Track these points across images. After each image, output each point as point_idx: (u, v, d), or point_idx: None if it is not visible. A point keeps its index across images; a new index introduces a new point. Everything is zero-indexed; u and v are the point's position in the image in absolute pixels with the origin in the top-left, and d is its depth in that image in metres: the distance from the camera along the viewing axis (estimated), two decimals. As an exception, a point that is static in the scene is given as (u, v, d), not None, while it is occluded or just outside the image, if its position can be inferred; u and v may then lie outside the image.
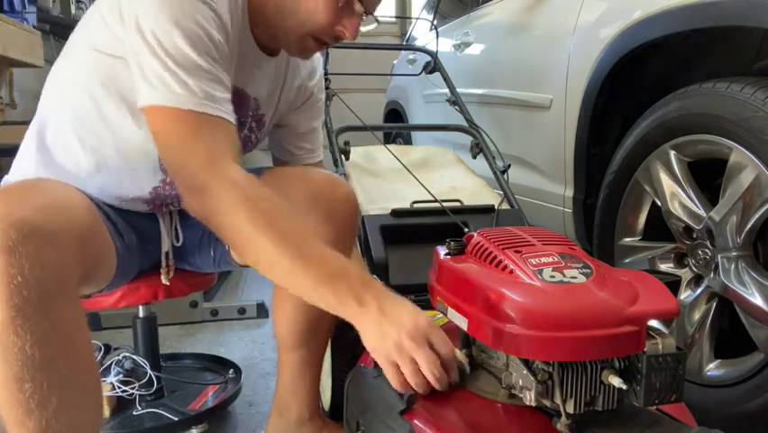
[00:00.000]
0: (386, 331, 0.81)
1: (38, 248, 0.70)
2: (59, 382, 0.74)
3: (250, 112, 1.13)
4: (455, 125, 1.94)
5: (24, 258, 0.69)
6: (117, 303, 1.17)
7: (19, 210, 0.71)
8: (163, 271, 1.18)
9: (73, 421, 0.76)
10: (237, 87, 1.05)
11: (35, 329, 0.71)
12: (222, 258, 1.19)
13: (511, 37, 2.15)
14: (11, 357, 0.70)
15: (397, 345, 0.80)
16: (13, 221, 0.69)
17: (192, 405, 1.42)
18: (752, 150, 1.16)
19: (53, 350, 0.73)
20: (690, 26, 1.31)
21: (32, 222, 0.71)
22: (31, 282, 0.70)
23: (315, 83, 1.24)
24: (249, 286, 2.66)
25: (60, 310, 0.74)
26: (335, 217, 1.09)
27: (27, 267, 0.69)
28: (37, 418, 0.73)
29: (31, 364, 0.71)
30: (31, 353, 0.71)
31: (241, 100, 1.08)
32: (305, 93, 1.23)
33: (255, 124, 1.16)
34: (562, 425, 0.79)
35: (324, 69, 1.96)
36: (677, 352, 0.78)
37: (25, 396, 0.72)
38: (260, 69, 1.09)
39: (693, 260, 1.33)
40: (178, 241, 1.19)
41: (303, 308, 1.13)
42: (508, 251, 0.88)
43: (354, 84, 2.48)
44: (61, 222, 0.75)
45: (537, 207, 1.95)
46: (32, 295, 0.70)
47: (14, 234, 0.69)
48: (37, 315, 0.71)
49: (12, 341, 0.70)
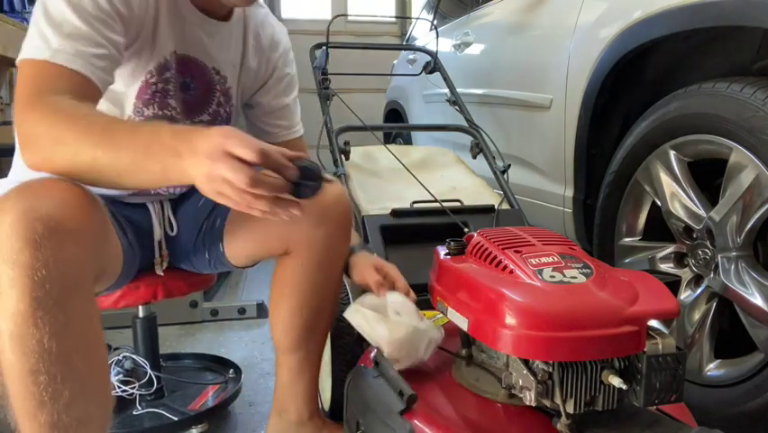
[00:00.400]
0: (199, 168, 0.74)
1: (61, 243, 0.72)
2: (72, 376, 0.75)
3: (217, 86, 1.13)
4: (455, 125, 1.93)
5: (50, 252, 0.71)
6: (117, 303, 1.17)
7: (43, 205, 0.72)
8: (157, 261, 1.18)
9: (83, 416, 0.77)
10: (183, 54, 1.06)
11: (54, 322, 0.72)
12: (217, 260, 1.19)
13: (511, 37, 2.15)
14: (28, 349, 0.71)
15: (208, 176, 0.73)
16: (38, 216, 0.71)
17: (192, 405, 1.42)
18: (752, 150, 1.16)
19: (69, 344, 0.74)
20: (690, 26, 1.31)
21: (55, 217, 0.72)
22: (54, 275, 0.71)
23: (278, 55, 1.22)
24: (249, 286, 2.66)
25: (78, 305, 0.75)
26: (328, 220, 1.09)
27: (51, 261, 0.71)
28: (49, 411, 0.74)
29: (47, 357, 0.72)
30: (48, 345, 0.72)
31: (192, 69, 1.08)
32: (268, 66, 1.21)
33: (223, 98, 1.15)
34: (562, 425, 0.79)
35: (323, 68, 1.96)
36: (677, 352, 0.78)
37: (39, 388, 0.73)
38: (208, 34, 1.08)
39: (693, 260, 1.33)
40: (173, 231, 1.19)
41: (299, 311, 1.13)
42: (508, 251, 0.88)
43: (354, 84, 2.48)
44: (80, 218, 0.76)
45: (537, 207, 1.95)
46: (53, 288, 0.71)
47: (41, 229, 0.70)
48: (56, 308, 0.72)
49: (31, 333, 0.71)
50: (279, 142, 1.24)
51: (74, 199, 0.77)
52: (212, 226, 1.17)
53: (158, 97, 1.06)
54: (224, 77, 1.14)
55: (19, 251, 0.69)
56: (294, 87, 1.29)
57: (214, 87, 1.13)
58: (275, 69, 1.23)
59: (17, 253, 0.69)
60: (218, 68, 1.12)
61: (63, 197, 0.76)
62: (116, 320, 2.07)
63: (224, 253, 1.16)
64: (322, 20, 5.71)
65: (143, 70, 1.03)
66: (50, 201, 0.73)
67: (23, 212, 0.71)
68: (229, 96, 1.17)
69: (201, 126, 0.83)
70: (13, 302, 0.70)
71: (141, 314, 1.42)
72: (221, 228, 1.15)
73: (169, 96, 1.08)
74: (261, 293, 2.44)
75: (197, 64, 1.09)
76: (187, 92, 1.10)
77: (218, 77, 1.13)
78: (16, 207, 0.71)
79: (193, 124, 1.13)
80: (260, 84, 1.23)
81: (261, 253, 1.15)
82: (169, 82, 1.06)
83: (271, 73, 1.23)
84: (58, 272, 0.71)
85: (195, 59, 1.08)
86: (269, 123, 1.26)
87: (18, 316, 0.70)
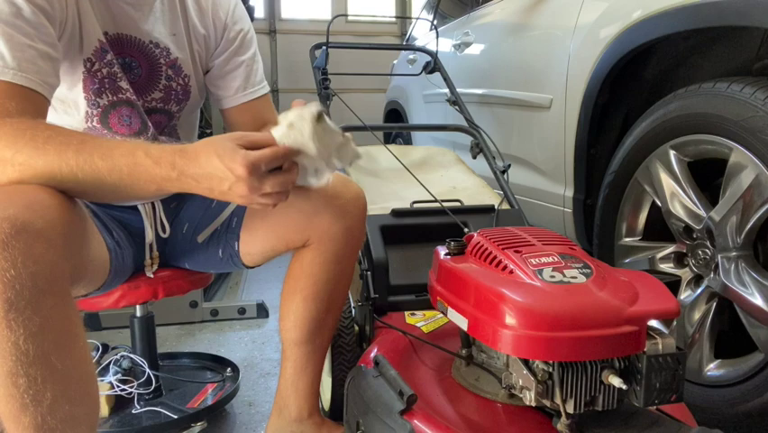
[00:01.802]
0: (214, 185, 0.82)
1: (29, 243, 0.71)
2: (52, 377, 0.74)
3: (161, 60, 1.10)
4: (455, 125, 1.93)
5: (18, 252, 0.69)
6: (117, 303, 1.17)
7: (10, 206, 0.71)
8: (147, 263, 1.18)
9: (68, 417, 0.76)
10: (116, 33, 1.04)
11: (28, 323, 0.71)
12: (230, 258, 1.18)
13: (511, 37, 2.15)
14: (5, 352, 0.71)
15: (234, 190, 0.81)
16: (5, 216, 0.70)
17: (190, 403, 1.42)
18: (752, 150, 1.16)
19: (46, 345, 0.73)
20: (690, 26, 1.30)
21: (22, 217, 0.71)
22: (23, 276, 0.70)
23: (224, 14, 1.18)
24: (249, 286, 2.66)
25: (52, 305, 0.74)
26: (347, 214, 1.10)
27: (20, 261, 0.70)
28: (32, 413, 0.73)
29: (24, 359, 0.71)
30: (24, 347, 0.71)
31: (129, 47, 1.06)
32: (216, 28, 1.17)
33: (172, 71, 1.12)
34: (562, 425, 0.79)
35: (323, 68, 1.96)
36: (677, 352, 0.78)
37: (19, 391, 0.72)
38: (135, 8, 1.05)
39: (693, 260, 1.33)
40: (165, 232, 1.19)
41: (312, 303, 1.13)
42: (508, 251, 0.88)
43: (354, 84, 2.48)
44: (49, 218, 0.75)
45: (537, 207, 1.95)
46: (24, 289, 0.70)
47: (8, 229, 0.69)
48: (29, 309, 0.71)
49: (5, 335, 0.70)
50: (239, 104, 1.19)
51: (44, 200, 0.76)
52: (228, 226, 1.17)
53: (107, 83, 1.04)
54: (165, 48, 1.10)
55: None
56: (250, 45, 1.21)
57: (158, 62, 1.10)
58: (224, 28, 1.18)
59: None
60: (155, 40, 1.09)
61: (33, 198, 0.75)
62: (114, 320, 2.08)
63: (238, 251, 1.16)
64: (322, 20, 5.72)
65: (79, 61, 1.01)
66: (18, 202, 0.72)
67: None
68: (178, 67, 1.13)
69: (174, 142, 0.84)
70: None
71: (138, 313, 1.42)
72: (237, 228, 1.15)
73: (118, 80, 1.06)
74: (261, 293, 2.44)
75: (132, 41, 1.06)
76: (131, 72, 1.08)
77: (158, 50, 1.10)
78: None
79: (146, 103, 1.11)
80: (213, 48, 1.18)
81: (280, 246, 1.14)
82: (113, 65, 1.04)
83: (222, 34, 1.18)
84: (27, 273, 0.70)
85: (128, 36, 1.05)
86: (222, 85, 1.19)
87: None
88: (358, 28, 5.77)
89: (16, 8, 0.86)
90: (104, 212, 1.08)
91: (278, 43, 6.08)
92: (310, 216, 1.08)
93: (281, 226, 1.11)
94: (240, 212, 1.16)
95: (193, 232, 1.20)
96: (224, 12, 1.18)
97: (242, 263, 1.18)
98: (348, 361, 1.28)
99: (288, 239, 1.12)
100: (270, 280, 2.57)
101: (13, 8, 0.85)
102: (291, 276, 1.15)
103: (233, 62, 1.19)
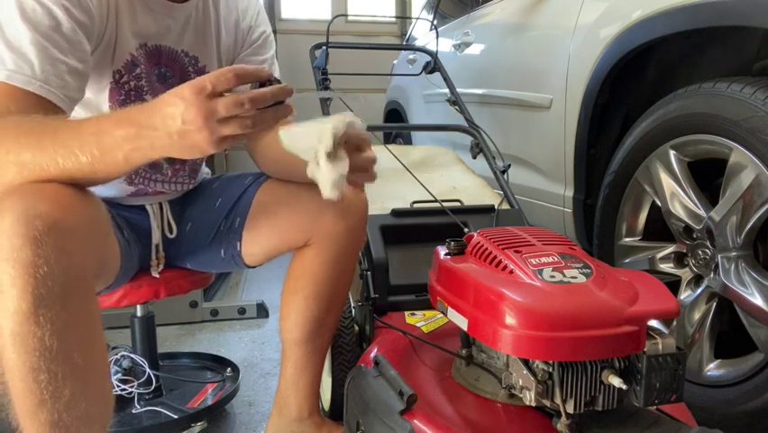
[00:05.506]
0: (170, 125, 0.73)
1: (60, 240, 0.72)
2: (73, 374, 0.75)
3: (190, 68, 1.12)
4: (455, 125, 1.93)
5: (50, 248, 0.70)
6: (119, 302, 1.17)
7: (40, 203, 0.72)
8: (153, 263, 1.18)
9: (84, 414, 0.77)
10: (154, 44, 1.05)
11: (55, 320, 0.72)
12: (231, 258, 1.18)
13: (511, 37, 2.15)
14: (29, 348, 0.71)
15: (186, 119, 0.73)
16: (37, 213, 0.71)
17: (191, 403, 1.42)
18: (752, 150, 1.16)
19: (71, 342, 0.74)
20: (690, 26, 1.30)
21: (54, 214, 0.72)
22: (56, 273, 0.71)
23: (249, 20, 1.20)
24: (249, 286, 2.66)
25: (79, 302, 0.75)
26: (350, 215, 1.11)
27: (53, 257, 0.70)
28: (49, 409, 0.74)
29: (48, 355, 0.72)
30: (49, 343, 0.72)
31: (164, 57, 1.07)
32: (242, 35, 1.19)
33: None
34: (562, 425, 0.79)
35: (323, 68, 1.96)
36: (677, 352, 0.78)
37: (40, 386, 0.72)
38: (174, 18, 1.08)
39: (693, 260, 1.33)
40: (172, 233, 1.19)
41: (313, 302, 1.13)
42: (508, 251, 0.88)
43: (354, 84, 2.48)
44: (79, 214, 0.76)
45: (537, 207, 1.95)
46: (55, 285, 0.71)
47: (41, 226, 0.70)
48: (58, 305, 0.72)
49: (32, 331, 0.71)
50: None
51: (70, 196, 0.76)
52: (230, 226, 1.17)
53: (133, 96, 1.05)
54: (195, 57, 1.12)
55: (19, 249, 0.69)
56: (270, 46, 1.23)
57: (186, 70, 1.12)
58: (249, 31, 1.20)
59: (18, 251, 0.69)
60: (187, 50, 1.11)
61: (59, 194, 0.75)
62: (114, 320, 2.08)
63: (240, 251, 1.16)
64: (322, 20, 5.71)
65: (109, 71, 1.02)
66: (46, 199, 0.73)
67: (22, 211, 0.70)
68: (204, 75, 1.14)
69: None
70: (15, 301, 0.69)
71: (139, 313, 1.42)
72: (240, 228, 1.16)
73: (145, 93, 1.07)
74: (261, 293, 2.44)
75: (170, 51, 1.08)
76: (165, 82, 1.09)
77: (188, 58, 1.12)
78: (15, 207, 0.71)
79: None
80: (237, 53, 1.20)
81: (282, 246, 1.14)
82: (141, 78, 1.06)
83: (245, 38, 1.20)
84: (60, 268, 0.71)
85: (167, 47, 1.07)
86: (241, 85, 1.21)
87: (19, 314, 0.70)
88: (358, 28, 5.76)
89: (56, 22, 0.86)
90: (113, 211, 1.08)
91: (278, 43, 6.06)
92: (314, 216, 1.08)
93: (284, 226, 1.12)
94: (243, 212, 1.16)
95: (196, 232, 1.21)
96: (251, 17, 1.20)
97: (244, 263, 1.18)
98: (348, 361, 1.28)
99: (291, 239, 1.12)
100: (270, 280, 2.57)
101: (53, 21, 0.86)
102: (292, 276, 1.15)
103: (253, 61, 1.20)
